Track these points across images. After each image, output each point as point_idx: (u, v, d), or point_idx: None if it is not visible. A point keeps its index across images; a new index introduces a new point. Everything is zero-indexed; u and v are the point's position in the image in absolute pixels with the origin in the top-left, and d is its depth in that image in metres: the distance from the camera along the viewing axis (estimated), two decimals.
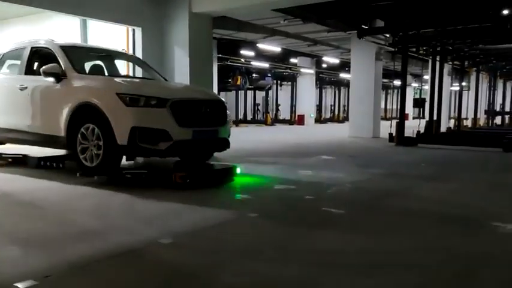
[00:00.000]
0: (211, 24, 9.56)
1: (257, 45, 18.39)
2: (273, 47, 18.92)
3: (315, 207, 4.15)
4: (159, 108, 4.47)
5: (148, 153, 4.74)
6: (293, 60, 23.24)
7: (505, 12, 10.55)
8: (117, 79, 5.48)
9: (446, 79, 17.96)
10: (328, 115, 32.47)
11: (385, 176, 6.26)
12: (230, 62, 19.58)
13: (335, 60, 23.61)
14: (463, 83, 19.34)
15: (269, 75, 23.66)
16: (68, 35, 9.79)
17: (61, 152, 5.97)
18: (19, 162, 6.17)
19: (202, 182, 4.90)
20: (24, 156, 6.16)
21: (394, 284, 2.35)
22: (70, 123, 4.83)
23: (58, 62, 5.15)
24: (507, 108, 26.29)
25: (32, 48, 5.76)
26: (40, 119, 5.31)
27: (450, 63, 19.13)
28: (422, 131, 12.67)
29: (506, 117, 24.02)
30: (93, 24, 9.81)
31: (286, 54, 21.63)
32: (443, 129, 16.94)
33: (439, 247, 3.01)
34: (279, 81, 26.87)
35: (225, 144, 5.48)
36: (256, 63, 21.20)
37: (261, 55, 20.42)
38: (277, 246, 2.93)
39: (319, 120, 27.80)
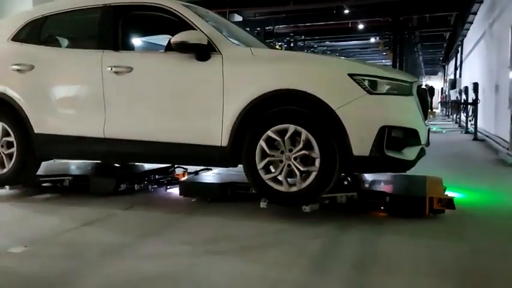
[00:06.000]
0: None
1: None
2: None
3: None
4: (405, 96, 3.18)
5: (389, 167, 3.24)
6: None
7: (346, 11, 12.08)
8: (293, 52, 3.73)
9: None
10: None
11: None
12: None
13: None
14: None
15: None
16: None
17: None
18: (71, 189, 3.84)
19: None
20: (77, 177, 3.93)
21: None
22: (241, 125, 3.23)
23: (187, 29, 3.39)
24: None
25: (116, 8, 3.76)
26: (170, 119, 3.50)
27: None
28: None
29: None
30: None
31: None
32: None
33: None
34: None
35: None
36: None
37: None
38: None
39: None
